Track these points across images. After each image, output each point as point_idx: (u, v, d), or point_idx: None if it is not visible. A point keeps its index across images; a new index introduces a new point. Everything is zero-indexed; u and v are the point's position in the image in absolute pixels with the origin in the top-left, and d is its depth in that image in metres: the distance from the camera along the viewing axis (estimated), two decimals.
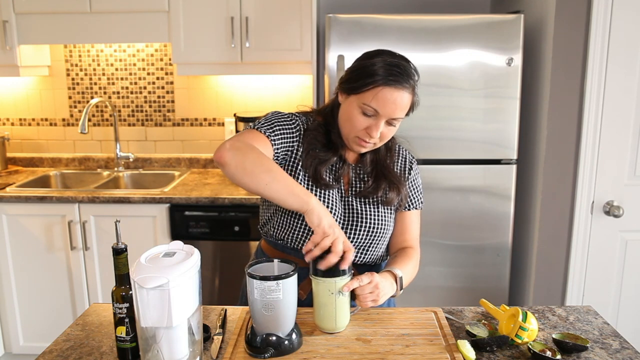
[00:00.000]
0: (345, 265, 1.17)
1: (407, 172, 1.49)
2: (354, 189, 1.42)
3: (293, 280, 1.13)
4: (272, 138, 1.31)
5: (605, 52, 2.19)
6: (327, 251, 1.18)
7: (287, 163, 1.38)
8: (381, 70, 1.27)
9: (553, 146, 2.32)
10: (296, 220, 1.38)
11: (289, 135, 1.36)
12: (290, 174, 1.37)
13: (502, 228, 2.42)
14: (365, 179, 1.43)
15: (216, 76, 2.95)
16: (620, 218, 2.28)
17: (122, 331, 1.12)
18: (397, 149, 1.50)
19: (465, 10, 2.89)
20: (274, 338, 1.13)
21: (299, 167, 1.37)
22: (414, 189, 1.50)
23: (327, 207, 1.36)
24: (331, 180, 1.39)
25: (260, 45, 2.59)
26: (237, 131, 2.80)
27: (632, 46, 2.18)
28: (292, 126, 1.37)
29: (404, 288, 1.34)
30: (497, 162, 2.37)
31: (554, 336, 1.19)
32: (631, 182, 2.30)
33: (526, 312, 1.18)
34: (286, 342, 1.14)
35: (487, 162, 2.38)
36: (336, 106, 1.39)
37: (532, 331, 1.17)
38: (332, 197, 1.38)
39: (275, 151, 1.32)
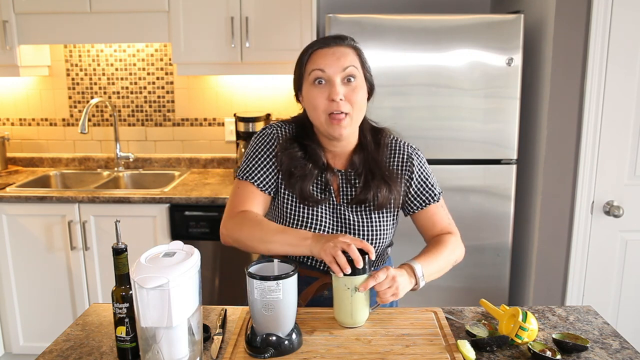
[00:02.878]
0: (358, 263, 1.16)
1: (407, 168, 1.40)
2: (344, 196, 1.37)
3: (293, 280, 1.13)
4: (256, 182, 1.36)
5: (605, 52, 2.19)
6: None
7: (277, 191, 1.38)
8: (308, 46, 1.34)
9: (553, 146, 2.32)
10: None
11: (268, 164, 1.36)
12: (282, 201, 1.37)
13: (502, 228, 2.42)
14: (356, 182, 1.37)
15: (216, 76, 2.95)
16: (620, 218, 2.28)
17: (122, 331, 1.12)
18: (391, 143, 1.42)
19: (465, 10, 2.89)
20: (274, 338, 1.13)
21: (286, 192, 1.37)
22: (423, 183, 1.42)
23: (317, 221, 1.35)
24: (319, 194, 1.36)
25: (260, 45, 2.59)
26: (237, 131, 2.80)
27: (632, 46, 2.18)
28: (269, 148, 1.37)
29: (435, 277, 1.33)
30: (497, 162, 2.37)
31: (554, 336, 1.19)
32: (631, 182, 2.30)
33: (526, 312, 1.18)
34: (286, 342, 1.14)
35: (487, 162, 2.38)
36: (305, 115, 1.39)
37: (532, 331, 1.17)
38: (321, 212, 1.36)
39: (265, 190, 1.36)
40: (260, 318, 1.13)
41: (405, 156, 1.41)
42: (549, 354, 1.12)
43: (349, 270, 1.14)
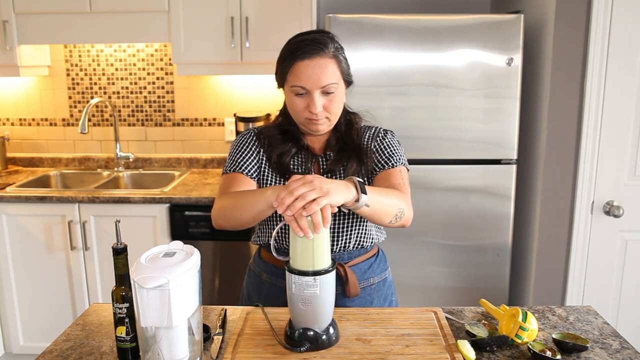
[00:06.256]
0: (318, 229, 1.07)
1: (374, 139, 1.45)
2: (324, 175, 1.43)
3: (331, 276, 1.14)
4: (240, 169, 1.42)
5: (605, 52, 2.19)
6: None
7: (261, 174, 1.44)
8: (289, 51, 1.34)
9: (553, 146, 2.32)
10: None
11: (249, 153, 1.44)
12: (265, 180, 1.43)
13: (502, 228, 2.41)
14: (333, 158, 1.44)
15: (216, 76, 2.95)
16: (620, 218, 2.28)
17: (122, 331, 1.12)
18: (365, 128, 1.48)
19: (465, 10, 2.89)
20: (312, 333, 1.14)
21: (268, 170, 1.43)
22: (384, 149, 1.44)
23: None
24: (297, 168, 1.42)
25: (260, 45, 2.59)
26: (237, 131, 2.80)
27: (632, 46, 2.18)
28: (248, 142, 1.46)
29: (379, 207, 1.23)
30: (497, 162, 2.37)
31: (554, 336, 1.19)
32: (631, 182, 2.30)
33: (526, 312, 1.18)
34: (323, 336, 1.15)
35: (487, 162, 2.38)
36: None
37: (532, 331, 1.17)
38: None
39: (250, 175, 1.42)
40: (297, 312, 1.14)
41: (377, 132, 1.48)
42: (549, 354, 1.12)
43: (311, 237, 1.07)
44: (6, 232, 2.54)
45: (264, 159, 1.45)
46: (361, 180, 1.21)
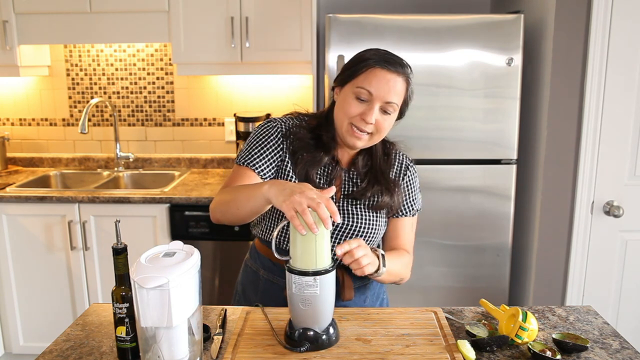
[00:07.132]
0: (327, 224, 1.08)
1: (400, 177, 1.46)
2: (345, 192, 1.41)
3: (331, 276, 1.14)
4: (253, 165, 1.36)
5: (605, 52, 2.19)
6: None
7: (280, 174, 1.39)
8: (374, 55, 1.31)
9: (553, 146, 2.32)
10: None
11: (270, 150, 1.38)
12: (285, 175, 1.39)
13: (502, 228, 2.42)
14: (358, 182, 1.41)
15: (216, 76, 2.95)
16: (620, 218, 2.28)
17: (122, 331, 1.12)
18: (395, 154, 1.48)
19: (465, 10, 2.89)
20: (312, 333, 1.14)
21: (291, 174, 1.38)
22: (407, 194, 1.47)
23: None
24: (322, 183, 1.38)
25: (260, 45, 2.59)
26: (237, 131, 2.80)
27: (632, 46, 2.18)
28: (273, 137, 1.39)
29: (389, 277, 1.33)
30: (497, 162, 2.37)
31: (554, 336, 1.19)
32: (631, 182, 2.30)
33: (526, 312, 1.18)
34: (323, 336, 1.15)
35: (487, 162, 2.38)
36: (332, 107, 1.40)
37: (532, 331, 1.17)
38: None
39: (262, 174, 1.37)
40: (297, 312, 1.14)
41: (403, 167, 1.48)
42: (549, 354, 1.12)
43: (317, 232, 1.07)
44: (6, 232, 2.54)
45: (287, 156, 1.39)
46: (384, 252, 1.29)
